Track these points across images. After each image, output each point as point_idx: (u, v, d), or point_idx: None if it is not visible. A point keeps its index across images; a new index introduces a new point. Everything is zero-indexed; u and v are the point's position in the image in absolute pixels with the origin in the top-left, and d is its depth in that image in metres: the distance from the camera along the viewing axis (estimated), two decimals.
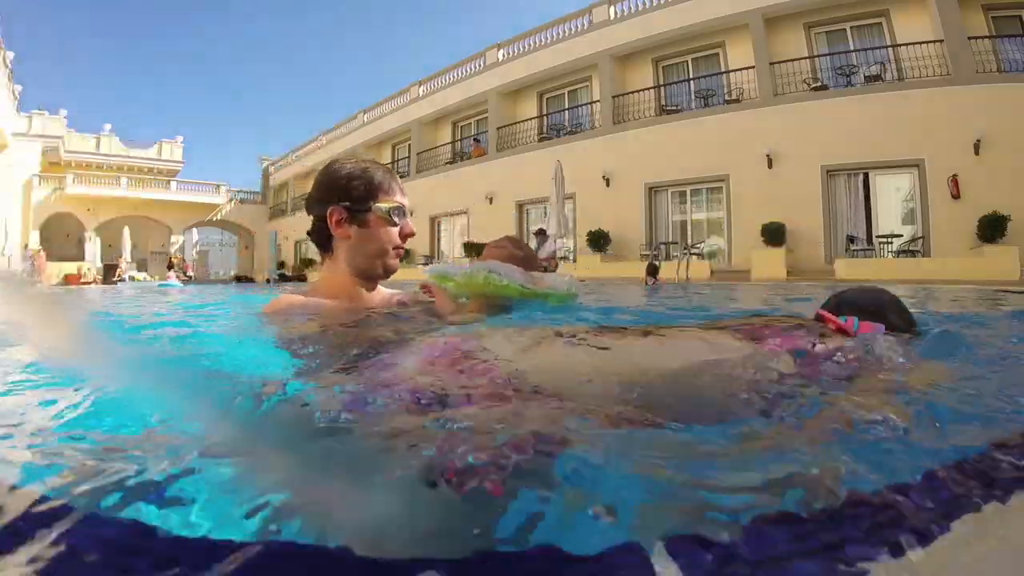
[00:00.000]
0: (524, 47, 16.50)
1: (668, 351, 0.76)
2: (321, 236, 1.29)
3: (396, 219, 1.28)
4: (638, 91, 14.04)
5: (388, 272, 1.32)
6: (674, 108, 13.63)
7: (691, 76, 14.00)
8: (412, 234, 1.32)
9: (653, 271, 8.59)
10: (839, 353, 0.74)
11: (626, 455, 0.50)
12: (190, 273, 24.92)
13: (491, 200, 15.96)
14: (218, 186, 27.68)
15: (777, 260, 10.33)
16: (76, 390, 0.71)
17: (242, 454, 0.52)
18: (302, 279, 21.65)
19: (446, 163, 18.41)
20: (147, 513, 0.41)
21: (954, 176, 9.71)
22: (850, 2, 11.56)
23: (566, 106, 16.31)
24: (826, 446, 0.52)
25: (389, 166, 1.46)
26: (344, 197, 1.25)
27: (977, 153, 9.59)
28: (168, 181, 26.32)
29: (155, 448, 0.54)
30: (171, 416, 0.64)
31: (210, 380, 0.80)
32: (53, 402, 0.71)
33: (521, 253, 1.55)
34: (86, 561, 0.34)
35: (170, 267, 18.93)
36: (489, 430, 0.51)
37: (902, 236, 10.45)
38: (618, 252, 13.00)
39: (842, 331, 0.81)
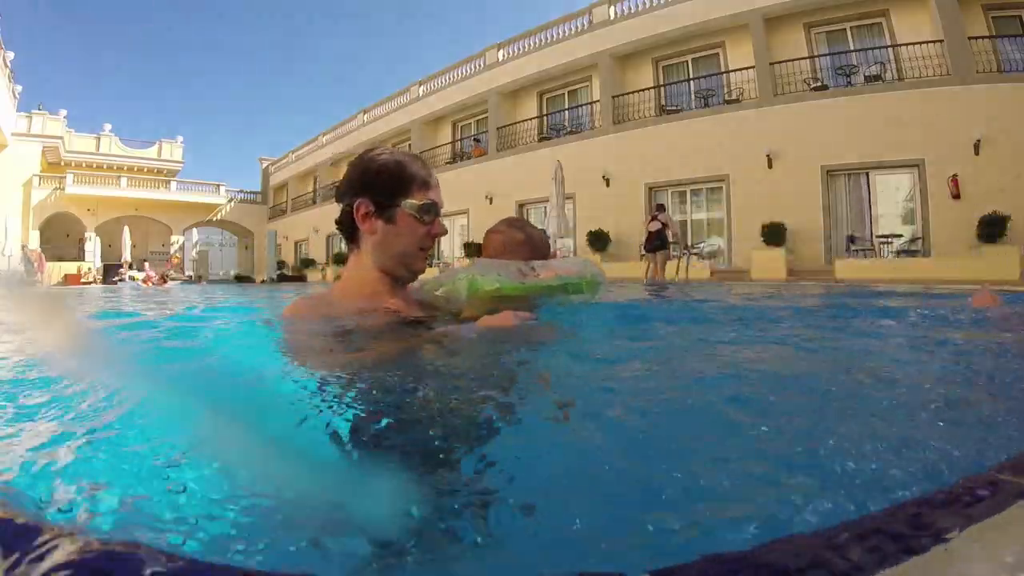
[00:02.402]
0: (524, 47, 16.49)
1: None
2: (348, 228, 1.22)
3: (426, 217, 1.18)
4: (638, 91, 14.03)
5: (414, 273, 1.24)
6: (674, 108, 13.63)
7: (691, 76, 13.99)
8: (442, 234, 1.22)
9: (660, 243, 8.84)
10: None
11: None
12: (189, 273, 24.90)
13: (491, 200, 15.96)
14: (218, 186, 27.68)
15: (777, 260, 10.33)
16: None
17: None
18: (302, 279, 21.66)
19: (446, 163, 18.41)
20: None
21: (954, 176, 9.70)
22: (850, 2, 11.56)
23: (566, 106, 16.30)
24: None
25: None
26: (373, 189, 1.17)
27: (977, 153, 9.58)
28: (168, 181, 26.31)
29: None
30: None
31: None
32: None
33: (521, 234, 1.38)
34: None
35: (129, 267, 18.83)
36: None
37: (902, 236, 10.45)
38: (618, 252, 12.99)
39: None
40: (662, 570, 0.31)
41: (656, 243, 9.12)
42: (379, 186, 1.17)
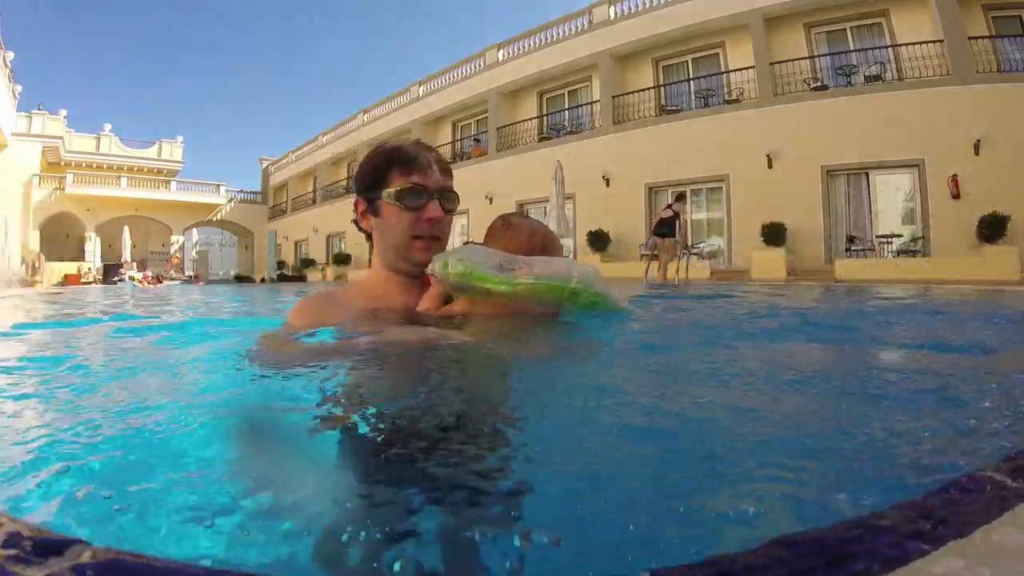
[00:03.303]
0: (524, 47, 16.48)
1: None
2: (360, 230, 1.20)
3: (407, 202, 1.09)
4: (638, 91, 14.02)
5: (415, 266, 1.13)
6: (674, 108, 13.62)
7: (691, 76, 13.98)
8: (436, 216, 1.11)
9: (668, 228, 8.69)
10: None
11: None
12: (189, 273, 24.89)
13: (491, 200, 15.95)
14: (218, 186, 27.66)
15: (777, 260, 10.32)
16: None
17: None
18: (302, 279, 21.64)
19: None
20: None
21: (954, 176, 9.70)
22: (850, 2, 11.55)
23: (566, 106, 16.29)
24: None
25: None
26: (362, 185, 1.15)
27: (977, 153, 9.57)
28: (168, 181, 26.29)
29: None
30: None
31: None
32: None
33: (500, 222, 1.30)
34: None
35: (120, 267, 18.87)
36: None
37: (902, 236, 10.45)
38: (618, 252, 12.99)
39: None
40: (662, 570, 0.31)
41: (663, 229, 8.82)
42: (366, 181, 1.14)
